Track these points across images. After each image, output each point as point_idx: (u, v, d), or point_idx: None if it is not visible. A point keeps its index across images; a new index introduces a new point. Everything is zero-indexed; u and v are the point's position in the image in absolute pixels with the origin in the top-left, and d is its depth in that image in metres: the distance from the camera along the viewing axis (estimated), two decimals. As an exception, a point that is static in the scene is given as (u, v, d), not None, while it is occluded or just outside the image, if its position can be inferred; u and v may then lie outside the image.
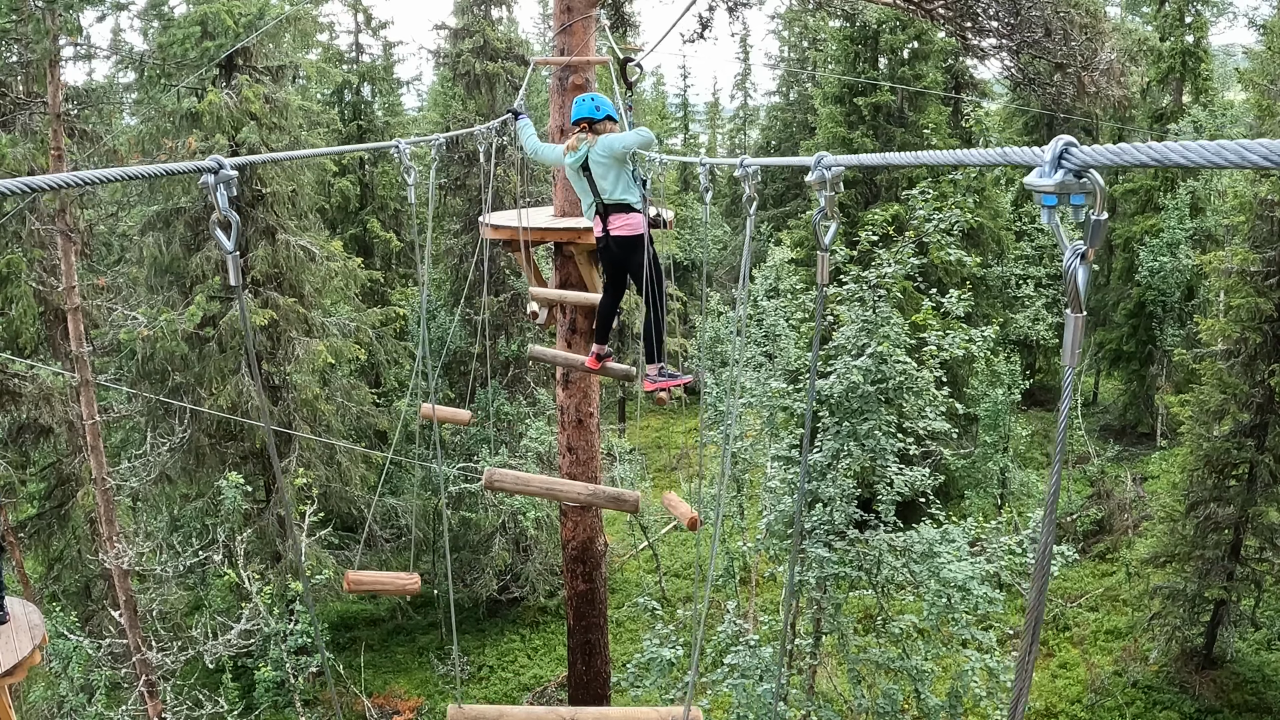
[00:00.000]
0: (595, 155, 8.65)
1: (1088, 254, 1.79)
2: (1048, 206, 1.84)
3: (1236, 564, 21.84)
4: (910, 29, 32.57)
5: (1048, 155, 1.79)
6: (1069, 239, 1.83)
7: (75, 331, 18.32)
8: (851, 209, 32.13)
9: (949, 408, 18.05)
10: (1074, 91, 13.64)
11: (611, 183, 8.69)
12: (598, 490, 9.35)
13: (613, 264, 9.10)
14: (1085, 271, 1.81)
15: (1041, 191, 1.81)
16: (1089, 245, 1.78)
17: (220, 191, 3.20)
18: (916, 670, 16.75)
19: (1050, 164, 1.79)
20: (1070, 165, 1.77)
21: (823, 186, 3.07)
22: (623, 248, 8.83)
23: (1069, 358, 1.84)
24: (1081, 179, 1.77)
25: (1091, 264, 1.80)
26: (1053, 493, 1.90)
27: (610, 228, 8.76)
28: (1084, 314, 1.82)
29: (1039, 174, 1.81)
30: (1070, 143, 1.77)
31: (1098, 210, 1.78)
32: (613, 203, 8.72)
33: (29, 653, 10.00)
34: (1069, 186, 1.78)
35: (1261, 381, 21.15)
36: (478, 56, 30.71)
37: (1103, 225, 1.77)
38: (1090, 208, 1.78)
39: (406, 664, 26.74)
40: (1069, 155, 1.77)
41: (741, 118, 64.31)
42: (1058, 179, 1.78)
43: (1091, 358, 39.00)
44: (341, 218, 34.14)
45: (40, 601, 21.35)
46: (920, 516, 18.10)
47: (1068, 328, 1.83)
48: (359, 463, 26.08)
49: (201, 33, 22.95)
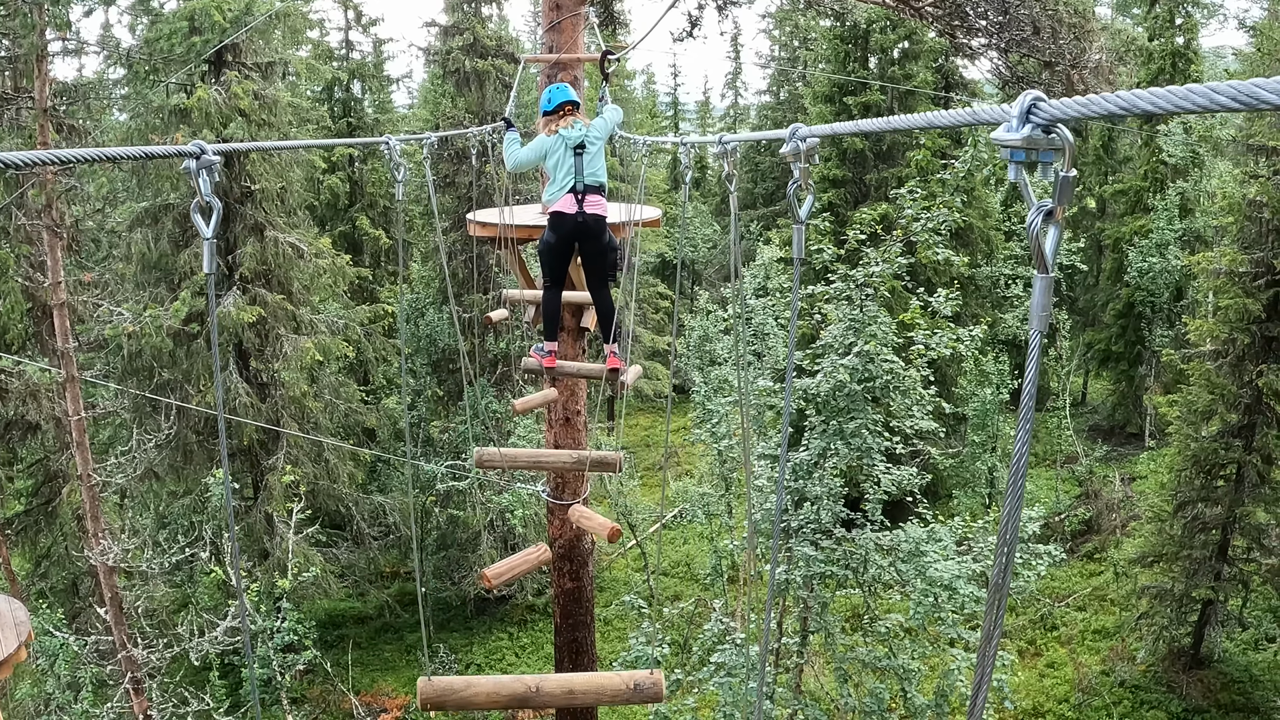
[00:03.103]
0: (591, 135, 8.94)
1: (1055, 212, 1.77)
2: (1015, 162, 1.81)
3: (1224, 564, 21.88)
4: (900, 28, 32.60)
5: (1015, 110, 1.77)
6: (1036, 199, 1.80)
7: (62, 327, 18.25)
8: (840, 208, 32.13)
9: (936, 407, 18.04)
10: (1062, 90, 13.64)
11: (598, 163, 8.97)
12: (582, 455, 9.50)
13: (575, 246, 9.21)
14: (1055, 231, 1.78)
15: (1009, 146, 1.78)
16: (1057, 203, 1.76)
17: (203, 176, 3.22)
18: (903, 669, 16.75)
19: (1018, 119, 1.76)
20: (1038, 120, 1.74)
21: (797, 158, 3.08)
22: (598, 225, 9.02)
23: (1036, 321, 1.81)
24: (1050, 134, 1.75)
25: (1061, 224, 1.78)
26: (1020, 442, 1.88)
27: (586, 207, 8.90)
28: (1051, 275, 1.79)
29: (1006, 129, 1.79)
30: (1039, 97, 1.75)
31: (1065, 167, 1.75)
32: (593, 183, 8.93)
33: (15, 649, 9.93)
34: (1037, 141, 1.75)
35: (1249, 382, 21.19)
36: (468, 54, 30.67)
37: (1070, 182, 1.74)
38: (1059, 164, 1.76)
39: (394, 662, 26.69)
40: (1037, 109, 1.75)
41: (732, 116, 64.41)
42: (1025, 133, 1.75)
43: (1080, 358, 39.07)
44: (331, 215, 34.15)
45: (27, 598, 21.26)
46: (908, 516, 18.10)
47: (1035, 288, 1.79)
48: (347, 460, 26.05)
49: (190, 28, 22.90)
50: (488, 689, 7.21)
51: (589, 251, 9.19)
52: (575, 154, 8.84)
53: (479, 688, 7.16)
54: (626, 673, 7.47)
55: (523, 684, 7.26)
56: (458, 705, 7.11)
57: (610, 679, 7.58)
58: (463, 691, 7.09)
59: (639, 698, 7.33)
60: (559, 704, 8.07)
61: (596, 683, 7.72)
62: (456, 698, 7.06)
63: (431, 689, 6.92)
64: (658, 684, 7.20)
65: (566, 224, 8.94)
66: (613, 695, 7.52)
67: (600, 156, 9.04)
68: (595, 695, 7.62)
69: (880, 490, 17.11)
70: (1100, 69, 13.87)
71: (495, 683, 7.42)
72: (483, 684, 7.26)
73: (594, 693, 7.60)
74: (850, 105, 33.52)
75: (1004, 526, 1.85)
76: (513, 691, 7.30)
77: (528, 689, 7.21)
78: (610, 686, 7.47)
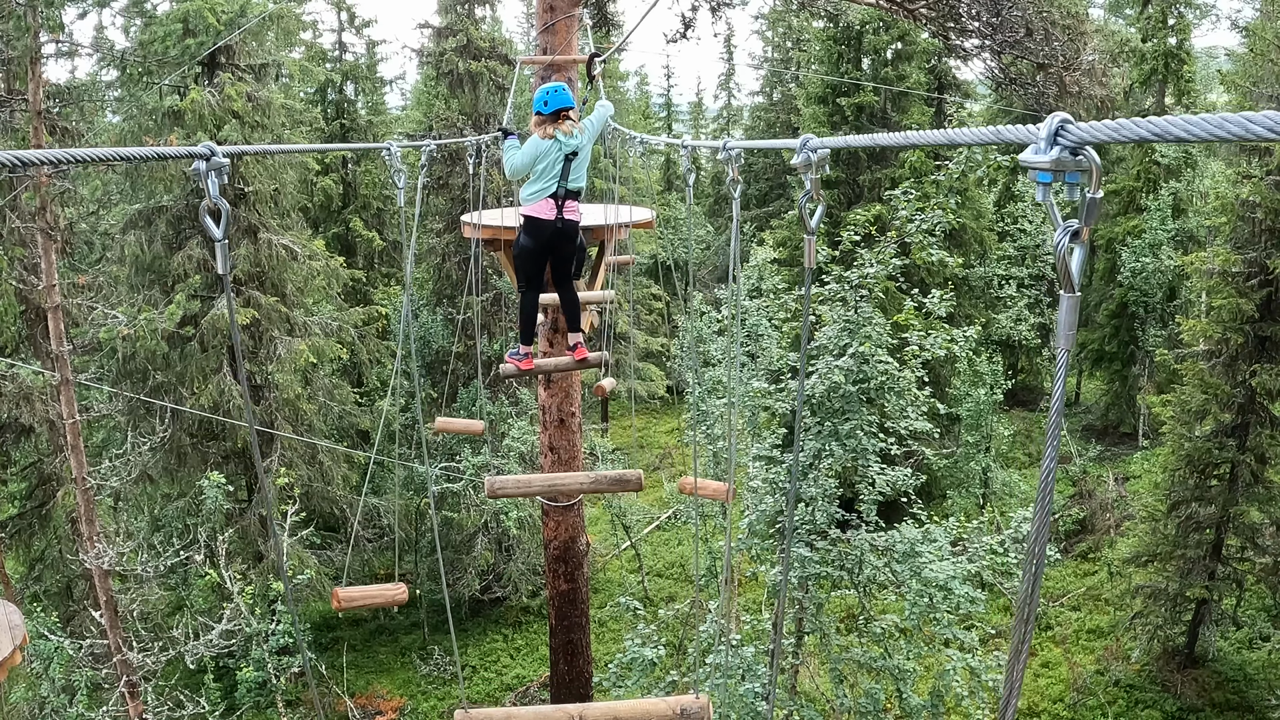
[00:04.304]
0: (584, 142, 9.01)
1: (1081, 232, 1.78)
2: (1042, 184, 1.82)
3: (1218, 563, 21.92)
4: (894, 29, 32.61)
5: (1043, 132, 1.78)
6: (1061, 219, 1.81)
7: (55, 330, 18.21)
8: (835, 209, 32.14)
9: (930, 408, 18.06)
10: (1056, 91, 13.67)
11: (582, 170, 9.07)
12: (600, 477, 9.41)
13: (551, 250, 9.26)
14: (1081, 250, 1.79)
15: (1037, 169, 1.80)
16: (1083, 224, 1.77)
17: (211, 178, 3.23)
18: (899, 670, 16.76)
19: (1046, 141, 1.77)
20: (1066, 142, 1.75)
21: (808, 169, 3.08)
22: (573, 230, 9.16)
23: (1064, 340, 1.83)
24: (1078, 156, 1.75)
25: (1086, 244, 1.79)
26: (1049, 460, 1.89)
27: (565, 213, 8.99)
28: (1078, 294, 1.80)
29: (1034, 150, 1.80)
30: (1066, 119, 1.76)
31: (1093, 188, 1.76)
32: (574, 189, 9.03)
33: (10, 653, 9.88)
34: (1065, 164, 1.76)
35: (1243, 382, 21.23)
36: (461, 55, 30.68)
37: (1098, 203, 1.75)
38: (1085, 185, 1.77)
39: (389, 664, 26.68)
40: (1065, 132, 1.75)
41: (725, 118, 64.35)
42: (1053, 156, 1.76)
43: (1074, 358, 39.11)
44: (324, 217, 34.12)
45: (21, 602, 21.23)
46: (903, 516, 18.11)
47: (1061, 307, 1.81)
48: (341, 462, 26.03)
49: (183, 30, 22.84)
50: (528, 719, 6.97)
51: (562, 255, 9.33)
52: (566, 159, 8.88)
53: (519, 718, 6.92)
54: (673, 699, 7.10)
55: (565, 713, 6.95)
56: None
57: (655, 705, 7.21)
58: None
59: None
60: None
61: (642, 709, 7.38)
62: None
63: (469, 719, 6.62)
64: (704, 709, 6.94)
65: (545, 230, 8.99)
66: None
67: (585, 162, 9.15)
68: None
69: (875, 491, 17.12)
70: (1093, 70, 13.91)
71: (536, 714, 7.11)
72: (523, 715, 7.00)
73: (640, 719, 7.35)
74: (844, 106, 33.50)
75: (1032, 544, 1.86)
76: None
77: (570, 718, 6.97)
78: (655, 712, 7.05)
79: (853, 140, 2.95)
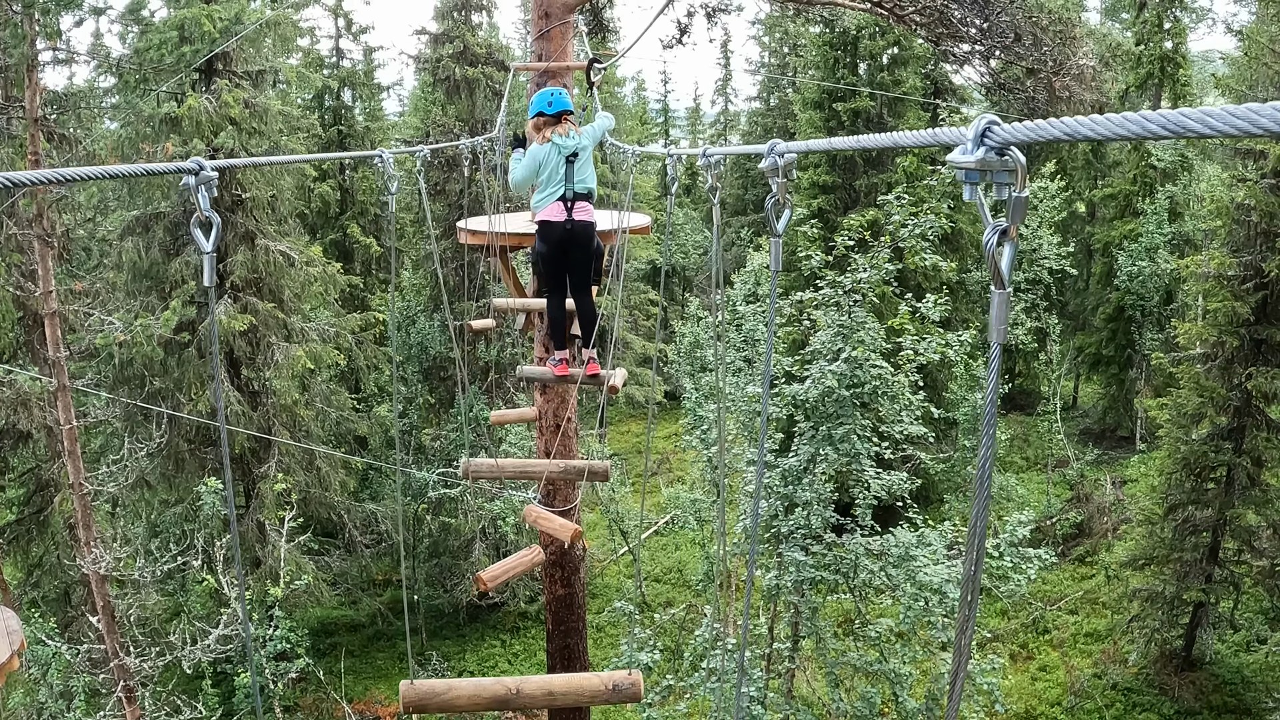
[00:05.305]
0: (583, 143, 9.05)
1: (1009, 231, 1.83)
2: (970, 184, 1.88)
3: (1215, 566, 21.95)
4: (889, 35, 32.68)
5: (970, 133, 1.83)
6: (991, 217, 1.87)
7: (53, 336, 18.24)
8: (830, 214, 32.21)
9: (925, 412, 18.10)
10: (1046, 96, 13.73)
11: (587, 171, 9.06)
12: (569, 465, 9.58)
13: (566, 253, 9.24)
14: (1010, 249, 1.85)
15: (963, 169, 1.85)
16: (1011, 223, 1.82)
17: (201, 192, 3.26)
18: (894, 673, 16.79)
19: (973, 141, 1.83)
20: (992, 143, 1.81)
21: (775, 173, 3.13)
22: (586, 231, 9.11)
23: (995, 335, 1.88)
24: (1003, 156, 1.81)
25: (1015, 240, 1.84)
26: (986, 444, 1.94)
27: (575, 214, 8.99)
28: (1008, 290, 1.85)
29: (961, 152, 1.85)
30: (993, 121, 1.81)
31: (1018, 188, 1.82)
32: (582, 191, 9.02)
33: (7, 658, 9.93)
34: (990, 164, 1.81)
35: (1239, 385, 21.26)
36: (458, 62, 30.77)
37: (1024, 202, 1.80)
38: (1011, 185, 1.82)
39: (387, 669, 26.70)
40: (991, 133, 1.81)
41: (722, 123, 64.51)
42: (979, 156, 1.82)
43: (1071, 362, 39.18)
44: (321, 223, 34.17)
45: (19, 607, 21.26)
46: (898, 520, 18.15)
47: (993, 303, 1.87)
48: (338, 468, 26.07)
49: (180, 37, 22.90)
50: (469, 691, 7.37)
51: (576, 258, 9.27)
52: (567, 162, 8.91)
53: (460, 690, 7.33)
54: (605, 674, 7.65)
55: (503, 686, 7.43)
56: (440, 708, 7.27)
57: (589, 680, 7.74)
58: (444, 694, 7.23)
59: (618, 698, 7.49)
60: (539, 705, 8.21)
61: (575, 684, 7.87)
62: (438, 700, 7.21)
63: (414, 692, 7.08)
64: (636, 684, 7.36)
65: (556, 232, 9.01)
66: (592, 696, 7.68)
67: (589, 163, 9.13)
68: (575, 696, 7.75)
69: (870, 495, 17.17)
70: (1084, 75, 13.96)
71: (476, 685, 7.58)
72: (464, 686, 7.43)
73: (573, 694, 7.73)
74: (840, 111, 33.58)
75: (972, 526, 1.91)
76: (493, 694, 7.44)
77: (508, 691, 7.38)
78: (589, 687, 7.63)
79: (814, 144, 3.02)
